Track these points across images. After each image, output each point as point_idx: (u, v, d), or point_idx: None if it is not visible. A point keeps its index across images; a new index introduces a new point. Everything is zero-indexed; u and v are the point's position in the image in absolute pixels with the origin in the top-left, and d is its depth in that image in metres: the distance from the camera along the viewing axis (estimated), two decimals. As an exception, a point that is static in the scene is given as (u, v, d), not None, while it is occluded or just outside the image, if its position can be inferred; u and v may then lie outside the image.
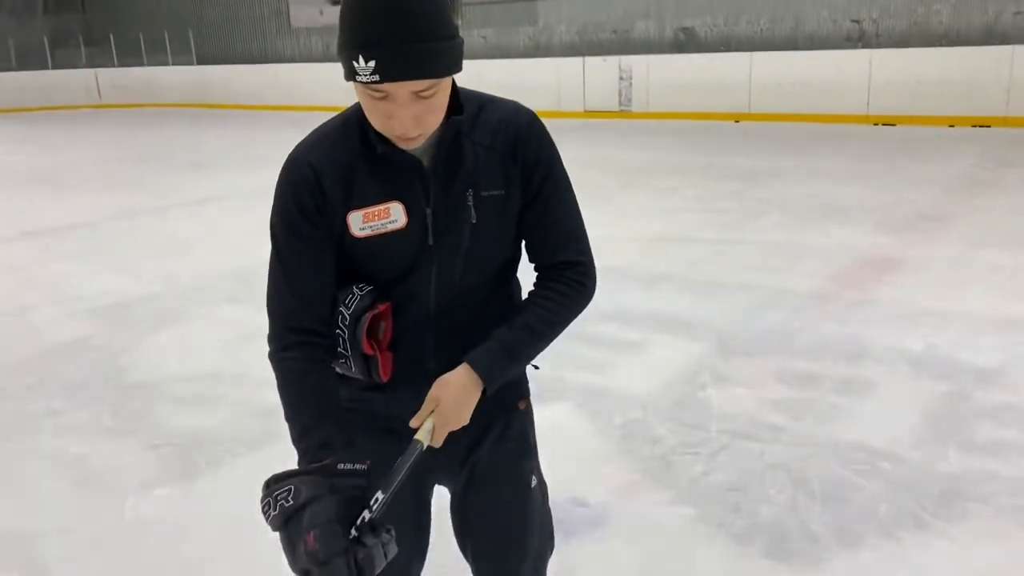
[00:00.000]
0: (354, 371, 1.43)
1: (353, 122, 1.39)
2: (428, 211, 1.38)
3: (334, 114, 1.48)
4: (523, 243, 1.50)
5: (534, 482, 1.64)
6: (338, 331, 1.40)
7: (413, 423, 1.38)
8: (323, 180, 1.36)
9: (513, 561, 1.64)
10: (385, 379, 1.43)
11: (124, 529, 2.91)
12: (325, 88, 18.34)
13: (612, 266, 5.47)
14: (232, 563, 2.69)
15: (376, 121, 1.30)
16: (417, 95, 1.24)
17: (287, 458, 1.34)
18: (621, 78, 14.37)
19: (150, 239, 7.34)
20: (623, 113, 14.40)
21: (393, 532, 1.26)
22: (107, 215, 8.44)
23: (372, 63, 1.19)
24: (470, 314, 1.47)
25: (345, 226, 1.37)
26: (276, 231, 1.40)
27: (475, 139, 1.39)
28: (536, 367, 1.58)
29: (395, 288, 1.42)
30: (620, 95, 14.43)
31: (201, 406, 3.85)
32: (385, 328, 1.42)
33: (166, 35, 21.62)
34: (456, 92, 1.38)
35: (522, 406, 1.62)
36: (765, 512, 2.82)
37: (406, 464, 1.32)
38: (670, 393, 3.75)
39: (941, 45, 12.14)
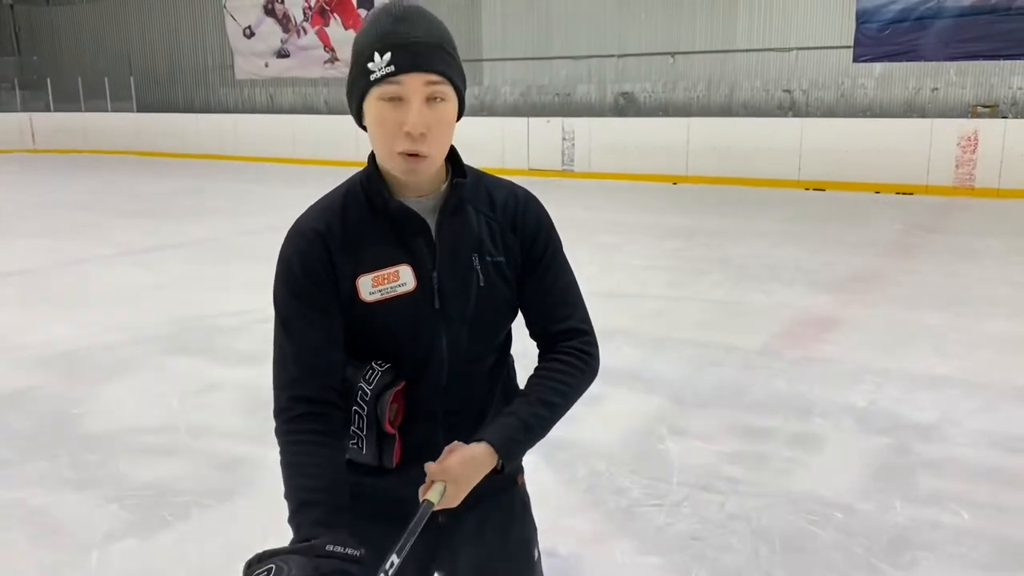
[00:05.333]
0: (365, 453, 1.39)
1: (357, 189, 1.42)
2: (434, 275, 1.39)
3: (278, 165, 1.50)
4: (526, 314, 1.50)
5: (536, 555, 1.65)
6: (356, 408, 1.36)
7: (421, 491, 1.33)
8: (331, 246, 1.36)
9: None
10: (396, 462, 1.40)
11: (89, 583, 2.86)
12: (268, 139, 18.50)
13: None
14: (204, 616, 2.68)
15: (388, 136, 1.31)
16: (429, 99, 1.30)
17: (255, 510, 1.27)
18: (564, 139, 14.76)
19: (96, 287, 7.22)
20: (566, 172, 14.76)
21: None
22: (49, 262, 8.27)
23: (388, 55, 1.27)
24: (475, 388, 1.46)
25: (355, 291, 1.37)
26: (280, 300, 1.38)
27: (477, 206, 1.44)
28: None
29: (407, 359, 1.40)
30: (563, 155, 14.81)
31: (162, 458, 3.80)
32: (397, 410, 1.39)
33: (106, 81, 21.38)
34: (459, 157, 1.45)
35: (520, 481, 1.61)
36: (728, 561, 2.93)
37: (417, 525, 1.27)
38: (630, 446, 3.87)
39: (866, 116, 12.86)
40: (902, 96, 12.81)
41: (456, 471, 1.31)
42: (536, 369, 1.48)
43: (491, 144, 15.05)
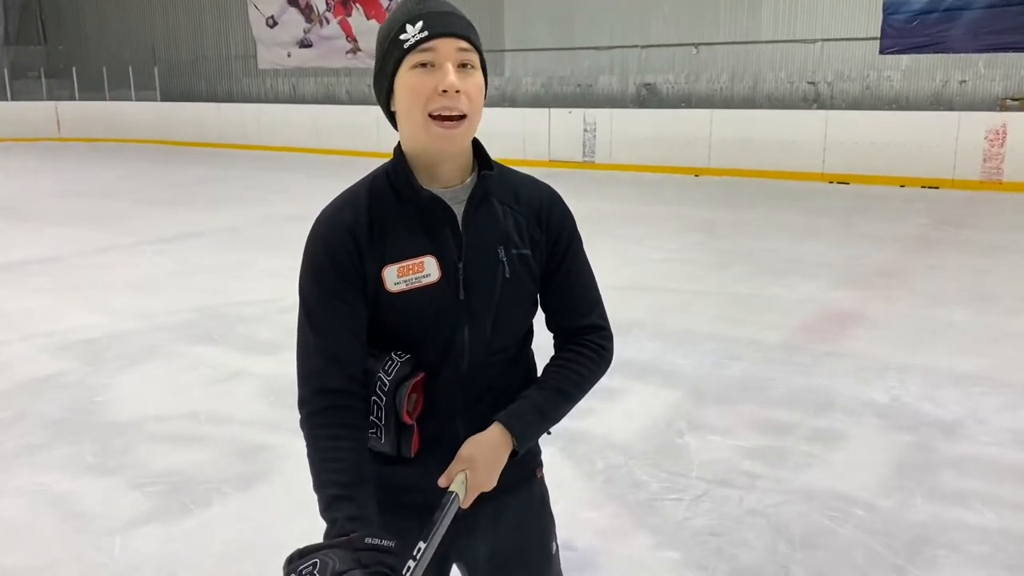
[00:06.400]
0: (383, 443, 1.40)
1: (383, 179, 1.43)
2: (460, 265, 1.39)
3: (300, 155, 1.51)
4: (546, 308, 1.53)
5: (554, 548, 1.65)
6: (374, 398, 1.37)
7: (442, 481, 1.37)
8: (359, 236, 1.37)
9: None
10: (413, 453, 1.41)
11: (112, 569, 2.89)
12: (290, 129, 18.58)
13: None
14: (225, 603, 2.70)
15: (421, 100, 1.33)
16: (460, 64, 1.34)
17: (276, 498, 1.31)
18: (585, 130, 14.70)
19: (120, 275, 7.28)
20: (587, 164, 14.72)
21: None
22: (75, 250, 8.35)
23: (420, 23, 1.32)
24: (494, 380, 1.46)
25: (380, 282, 1.37)
26: (306, 291, 1.39)
27: (503, 199, 1.45)
28: (548, 432, 1.56)
29: (429, 349, 1.41)
30: (584, 146, 14.76)
31: (184, 445, 3.84)
32: (416, 400, 1.39)
33: (130, 70, 21.55)
34: (485, 150, 1.46)
35: (539, 474, 1.62)
36: (746, 557, 2.92)
37: (445, 515, 1.30)
38: (649, 439, 3.86)
39: (892, 109, 12.70)
40: (929, 88, 12.63)
41: (474, 455, 1.37)
42: (553, 358, 1.52)
43: (512, 135, 15.04)
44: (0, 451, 3.81)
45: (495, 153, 1.50)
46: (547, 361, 1.53)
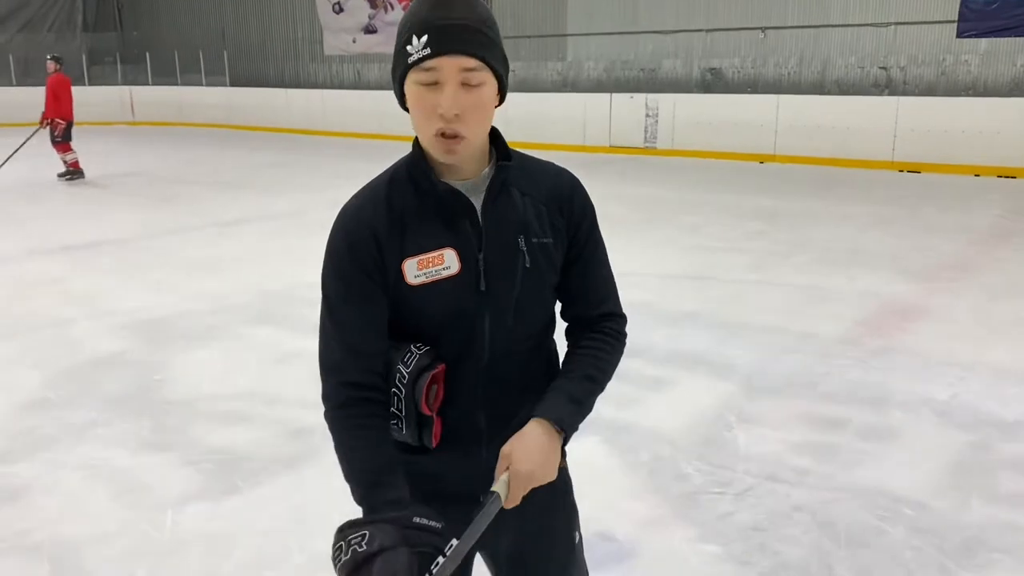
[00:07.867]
0: (405, 433, 1.42)
1: (402, 174, 1.44)
2: (480, 256, 1.40)
3: (364, 140, 1.50)
4: (562, 296, 1.53)
5: (577, 538, 1.66)
6: (394, 390, 1.39)
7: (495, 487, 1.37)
8: (379, 232, 1.38)
9: None
10: (435, 444, 1.42)
11: (163, 542, 2.99)
12: (355, 114, 18.79)
13: (637, 301, 5.54)
14: (269, 579, 2.77)
15: (424, 118, 1.33)
16: (465, 84, 1.31)
17: (322, 478, 1.35)
18: (647, 115, 14.52)
19: (184, 257, 7.50)
20: (648, 150, 14.54)
21: None
22: (143, 231, 8.62)
23: (424, 38, 1.29)
24: (516, 370, 1.47)
25: (400, 275, 1.38)
26: (329, 286, 1.42)
27: (522, 189, 1.45)
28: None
29: (449, 341, 1.42)
30: (646, 132, 14.58)
31: (238, 424, 3.94)
32: (437, 391, 1.40)
33: (201, 56, 22.06)
34: (503, 140, 1.46)
35: (562, 464, 1.59)
36: (790, 553, 2.87)
37: (483, 515, 1.30)
38: (696, 431, 3.81)
39: (968, 95, 12.23)
40: (1009, 74, 12.12)
41: (512, 452, 1.37)
42: (573, 347, 1.53)
43: (573, 120, 14.93)
44: (63, 425, 3.97)
45: (555, 138, 1.48)
46: (566, 351, 1.54)
